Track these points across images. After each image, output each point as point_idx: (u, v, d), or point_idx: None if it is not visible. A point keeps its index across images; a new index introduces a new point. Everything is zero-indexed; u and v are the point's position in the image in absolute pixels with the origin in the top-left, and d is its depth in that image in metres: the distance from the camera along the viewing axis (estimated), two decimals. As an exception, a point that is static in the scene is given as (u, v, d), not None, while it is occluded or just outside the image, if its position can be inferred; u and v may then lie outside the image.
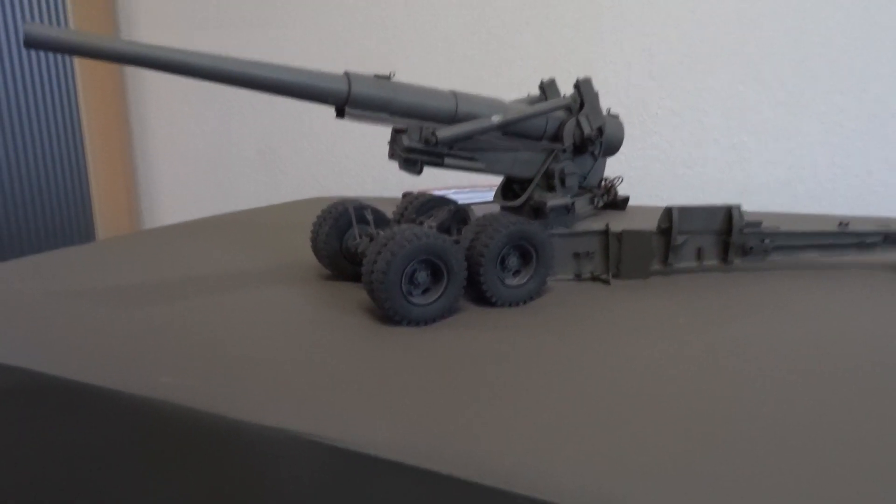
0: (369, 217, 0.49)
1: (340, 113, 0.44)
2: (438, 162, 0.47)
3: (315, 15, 1.17)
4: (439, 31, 1.08)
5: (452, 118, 0.47)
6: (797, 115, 0.88)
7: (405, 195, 0.86)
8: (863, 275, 0.51)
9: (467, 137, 0.46)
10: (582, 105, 0.51)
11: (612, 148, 0.56)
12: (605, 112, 0.56)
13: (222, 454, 0.30)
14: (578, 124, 0.51)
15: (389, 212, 0.54)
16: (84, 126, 1.24)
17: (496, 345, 0.38)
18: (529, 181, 0.51)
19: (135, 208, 1.41)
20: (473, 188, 0.88)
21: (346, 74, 0.43)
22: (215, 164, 1.33)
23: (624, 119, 0.96)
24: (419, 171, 0.47)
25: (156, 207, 1.42)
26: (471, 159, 0.48)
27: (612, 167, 0.97)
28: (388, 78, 0.45)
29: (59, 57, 1.18)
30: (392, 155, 0.47)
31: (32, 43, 0.35)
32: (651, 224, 0.51)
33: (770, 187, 0.90)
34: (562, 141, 0.51)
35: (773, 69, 0.88)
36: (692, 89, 0.93)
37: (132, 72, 1.35)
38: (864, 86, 0.84)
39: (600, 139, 0.52)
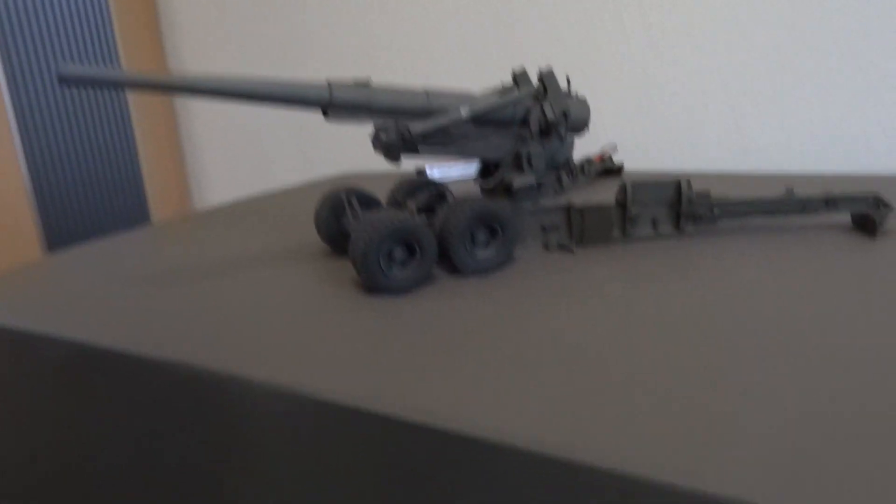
0: (355, 203, 0.56)
1: (326, 114, 0.52)
2: (415, 152, 0.54)
3: (332, 41, 1.24)
4: (444, 17, 1.13)
5: (426, 113, 0.54)
6: (793, 78, 0.90)
7: (419, 172, 0.94)
8: (804, 235, 0.56)
9: (438, 130, 0.53)
10: (546, 93, 0.57)
11: (578, 128, 0.61)
12: (573, 95, 0.62)
13: (216, 405, 0.38)
14: (543, 111, 0.57)
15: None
16: (132, 111, 1.35)
17: (461, 307, 0.45)
18: (502, 163, 0.58)
19: (184, 187, 1.53)
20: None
21: (328, 83, 0.51)
22: (254, 143, 1.43)
23: (627, 89, 1.00)
24: (399, 161, 0.54)
25: (204, 186, 1.53)
26: (444, 147, 0.55)
27: (615, 134, 1.02)
28: (366, 83, 0.52)
29: (104, 49, 1.28)
30: (375, 148, 0.54)
31: (64, 80, 0.43)
32: (612, 197, 0.57)
33: (768, 149, 0.94)
34: (529, 126, 0.57)
35: (767, 35, 0.91)
36: (691, 58, 0.96)
37: (174, 58, 1.46)
38: (857, 49, 0.86)
39: (565, 123, 0.58)
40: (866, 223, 0.56)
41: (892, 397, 0.30)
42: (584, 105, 0.61)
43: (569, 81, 0.61)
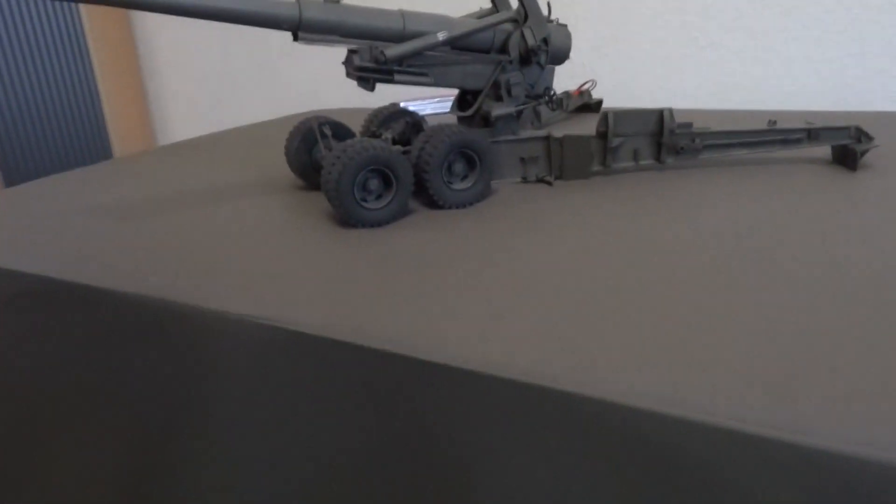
0: (328, 132, 0.54)
1: (295, 37, 0.49)
2: (389, 79, 0.51)
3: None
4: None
5: (400, 37, 0.51)
6: (773, 12, 0.89)
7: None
8: (785, 169, 0.55)
9: (415, 54, 0.51)
10: (526, 17, 0.55)
11: (559, 57, 0.59)
12: (554, 22, 0.59)
13: (186, 337, 0.37)
14: (523, 36, 0.54)
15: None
16: (91, 48, 1.29)
17: (438, 241, 0.44)
18: (481, 92, 0.56)
19: (148, 125, 1.47)
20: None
21: (297, 1, 0.48)
22: (219, 82, 1.38)
23: (607, 23, 0.98)
24: (372, 88, 0.51)
25: (168, 124, 1.48)
26: (421, 74, 0.52)
27: (596, 70, 1.00)
28: (337, 2, 0.49)
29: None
30: (348, 74, 0.52)
31: None
32: (592, 128, 0.55)
33: (746, 86, 0.92)
34: (508, 53, 0.55)
35: (751, -35, 0.88)
36: (672, -11, 0.93)
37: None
38: (841, -21, 0.84)
39: (545, 49, 0.55)
40: (846, 157, 0.55)
41: (869, 316, 0.29)
42: (565, 32, 0.59)
43: (550, 8, 0.58)
